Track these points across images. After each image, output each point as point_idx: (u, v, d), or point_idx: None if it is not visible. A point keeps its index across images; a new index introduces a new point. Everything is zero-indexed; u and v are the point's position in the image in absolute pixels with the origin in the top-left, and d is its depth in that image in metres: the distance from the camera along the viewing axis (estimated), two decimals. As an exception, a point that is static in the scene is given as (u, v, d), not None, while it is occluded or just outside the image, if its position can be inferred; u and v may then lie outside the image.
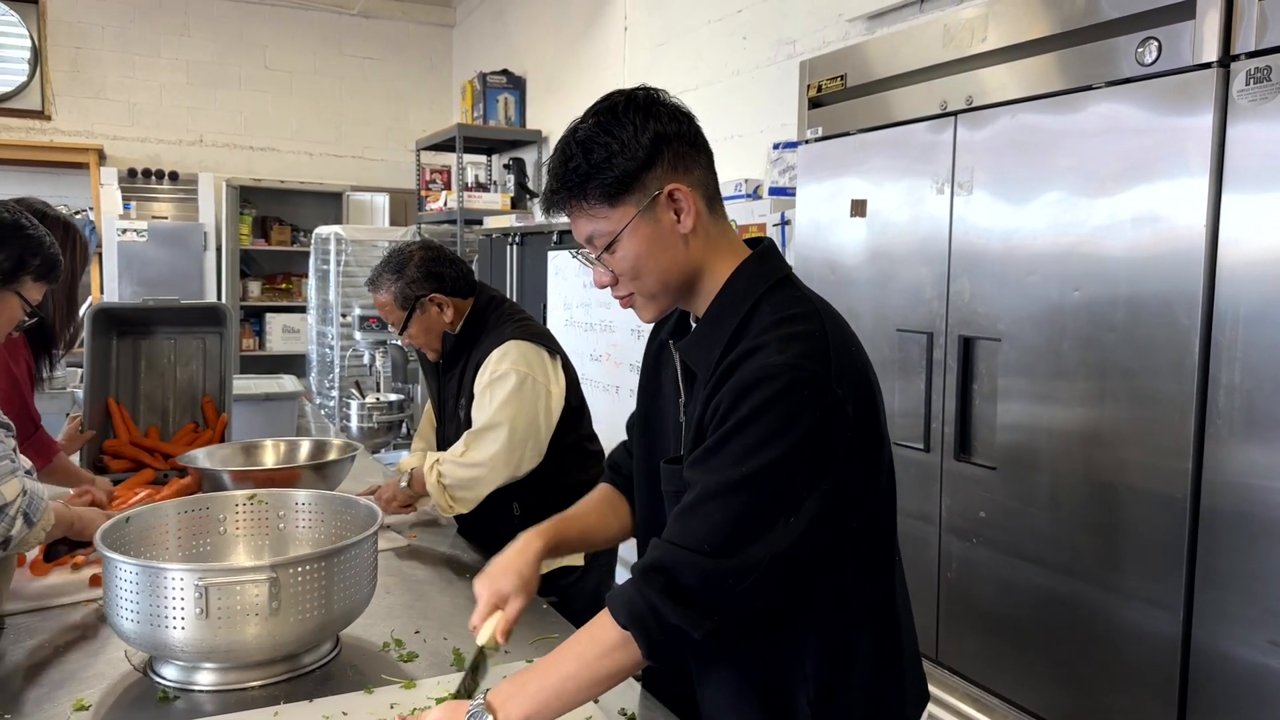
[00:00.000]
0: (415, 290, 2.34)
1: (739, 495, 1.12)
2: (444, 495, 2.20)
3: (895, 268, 2.31)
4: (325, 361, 6.11)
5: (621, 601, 1.15)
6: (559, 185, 1.24)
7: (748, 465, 1.11)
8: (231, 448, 2.53)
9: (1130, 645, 1.79)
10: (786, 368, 1.12)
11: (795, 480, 1.12)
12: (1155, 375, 1.72)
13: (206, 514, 1.64)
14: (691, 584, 1.11)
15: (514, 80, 6.37)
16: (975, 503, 2.12)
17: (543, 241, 4.74)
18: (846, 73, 2.43)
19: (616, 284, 1.27)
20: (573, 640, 1.20)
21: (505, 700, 1.14)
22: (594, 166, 1.21)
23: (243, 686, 1.38)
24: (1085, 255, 1.84)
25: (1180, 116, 1.66)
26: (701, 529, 1.12)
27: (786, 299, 1.23)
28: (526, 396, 2.20)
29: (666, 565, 1.13)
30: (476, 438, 2.20)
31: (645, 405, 1.44)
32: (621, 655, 1.14)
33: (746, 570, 1.10)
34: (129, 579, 1.32)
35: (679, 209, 1.23)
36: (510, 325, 2.33)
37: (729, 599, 1.11)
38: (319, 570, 1.37)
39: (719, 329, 1.23)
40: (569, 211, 1.26)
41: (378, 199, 7.20)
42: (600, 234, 1.24)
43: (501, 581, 1.34)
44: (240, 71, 7.11)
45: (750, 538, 1.11)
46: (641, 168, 1.21)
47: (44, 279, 1.74)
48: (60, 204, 6.66)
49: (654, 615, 1.11)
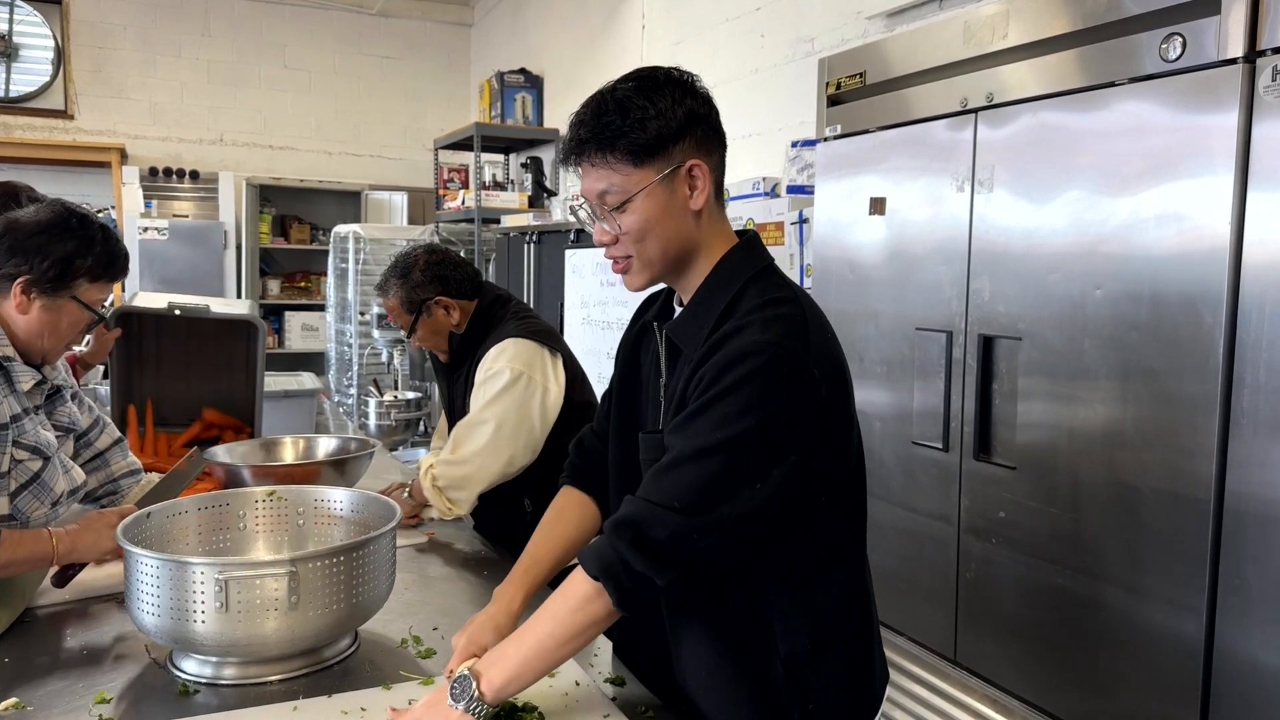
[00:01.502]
0: (421, 294, 2.38)
1: (713, 458, 1.18)
2: (440, 498, 2.21)
3: (914, 266, 2.29)
4: (344, 359, 6.14)
5: (592, 555, 1.21)
6: (589, 135, 1.27)
7: (724, 431, 1.17)
8: (251, 444, 2.55)
9: (1152, 648, 1.77)
10: (769, 345, 1.19)
11: (767, 449, 1.19)
12: (1179, 375, 1.70)
13: (226, 510, 1.65)
14: (660, 538, 1.17)
15: (531, 79, 6.38)
16: (995, 503, 2.10)
17: (560, 240, 4.74)
18: (866, 70, 2.42)
19: (616, 244, 1.31)
20: (548, 601, 1.26)
21: (489, 666, 1.21)
22: (628, 124, 1.25)
23: (262, 681, 1.39)
24: (1107, 254, 1.82)
25: (1205, 113, 1.64)
26: (675, 488, 1.18)
27: (770, 285, 1.30)
28: (519, 394, 2.21)
29: (637, 519, 1.19)
30: (465, 433, 2.22)
31: (621, 387, 1.50)
32: (594, 607, 1.21)
33: (711, 528, 1.17)
34: (150, 573, 1.32)
35: (694, 185, 1.29)
36: (512, 323, 2.35)
37: (693, 553, 1.17)
38: (338, 565, 1.37)
39: (707, 309, 1.29)
40: (589, 163, 1.29)
41: (396, 198, 7.23)
42: (616, 190, 1.27)
43: (480, 636, 1.36)
44: (260, 71, 7.15)
45: (719, 499, 1.17)
46: (672, 137, 1.26)
47: (102, 278, 1.69)
48: (83, 202, 6.72)
49: (623, 565, 1.18)
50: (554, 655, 1.23)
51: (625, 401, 1.49)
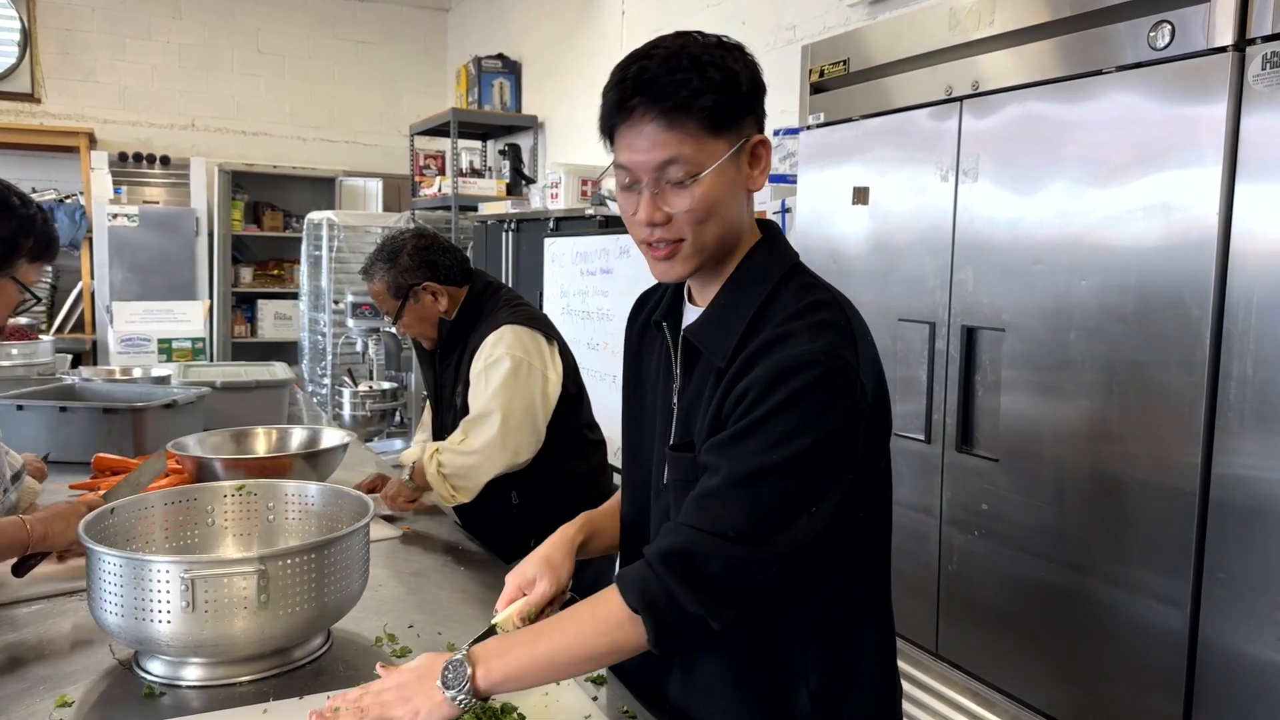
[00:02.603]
0: (409, 279, 2.31)
1: (768, 482, 1.08)
2: (445, 485, 2.17)
3: (897, 257, 2.27)
4: (318, 349, 6.07)
5: (635, 583, 1.10)
6: (663, 92, 1.09)
7: (779, 452, 1.08)
8: (222, 435, 2.49)
9: (1136, 641, 1.76)
10: (821, 355, 1.10)
11: (824, 470, 1.10)
12: (1165, 367, 1.68)
13: (194, 505, 1.60)
14: (715, 571, 1.07)
15: (509, 65, 6.31)
16: (977, 495, 2.09)
17: (539, 228, 4.69)
18: (849, 57, 2.38)
19: (667, 225, 1.15)
20: (571, 612, 1.16)
21: (489, 657, 1.11)
22: (708, 85, 1.09)
23: (231, 682, 1.34)
24: (1093, 245, 1.80)
25: (1193, 102, 1.62)
26: (727, 515, 1.08)
27: (806, 285, 1.21)
28: (522, 382, 2.17)
29: (689, 550, 1.08)
30: (473, 425, 2.17)
31: (629, 390, 1.41)
32: (621, 636, 1.11)
33: (772, 560, 1.07)
34: (113, 571, 1.28)
35: (757, 164, 1.18)
36: (506, 311, 2.30)
37: (751, 588, 1.08)
38: (309, 562, 1.33)
39: (734, 312, 1.19)
40: (658, 123, 1.11)
41: (371, 184, 7.14)
42: (686, 160, 1.11)
43: (529, 567, 1.31)
44: (232, 55, 7.03)
45: (777, 526, 1.08)
46: (745, 108, 1.14)
47: (41, 259, 1.66)
48: (50, 188, 6.62)
49: (669, 601, 1.07)
50: (562, 671, 1.14)
51: (630, 405, 1.40)
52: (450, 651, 1.15)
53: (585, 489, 2.30)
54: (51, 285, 6.56)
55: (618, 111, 1.13)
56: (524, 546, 2.30)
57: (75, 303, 6.52)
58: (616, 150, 1.17)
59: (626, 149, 1.14)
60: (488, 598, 1.75)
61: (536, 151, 6.10)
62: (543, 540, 2.33)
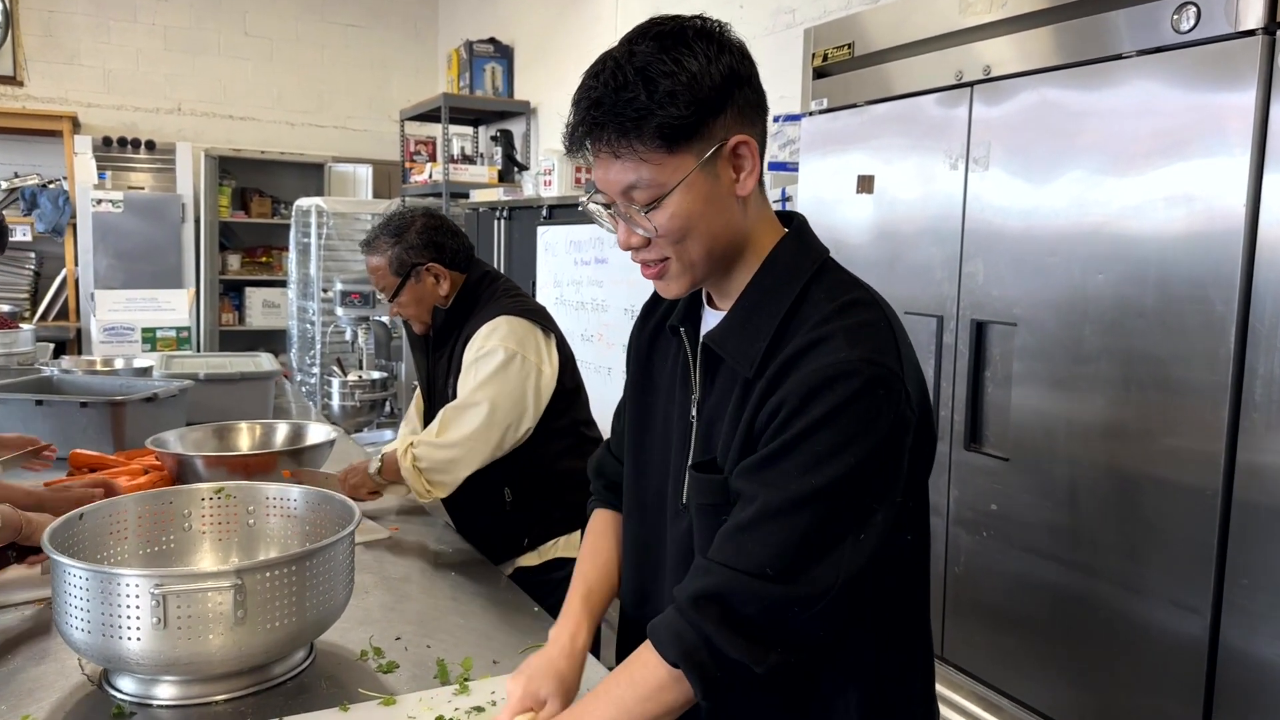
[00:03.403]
0: (413, 257, 2.22)
1: (806, 511, 0.98)
2: (419, 480, 2.06)
3: (903, 247, 2.19)
4: (306, 337, 5.98)
5: (669, 635, 1.01)
6: (606, 118, 1.01)
7: (818, 476, 0.98)
8: (204, 431, 2.41)
9: (1152, 646, 1.70)
10: (862, 363, 0.99)
11: (869, 492, 0.99)
12: (1187, 363, 1.62)
13: (170, 509, 1.52)
14: (752, 613, 0.98)
15: (501, 49, 6.20)
16: (986, 494, 2.02)
17: (532, 216, 4.60)
18: (854, 41, 2.30)
19: (648, 246, 1.08)
20: (609, 682, 1.06)
21: None
22: (657, 100, 1.00)
23: (206, 701, 1.26)
24: (1111, 236, 1.73)
25: (1219, 88, 1.55)
26: (762, 550, 0.99)
27: (839, 284, 1.10)
28: (513, 375, 2.08)
29: (722, 592, 0.99)
30: (454, 415, 2.08)
31: (637, 400, 1.28)
32: (669, 697, 1.01)
33: (815, 597, 0.98)
34: (78, 584, 1.20)
35: (740, 166, 1.07)
36: (504, 300, 2.22)
37: (795, 629, 0.98)
38: (289, 575, 1.25)
39: (761, 316, 1.08)
40: (608, 151, 1.04)
41: (360, 170, 7.03)
42: (646, 184, 1.03)
43: (539, 684, 1.15)
44: (219, 38, 6.90)
45: (819, 559, 0.98)
46: (711, 110, 1.02)
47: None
48: (33, 173, 6.49)
49: (709, 650, 0.98)
50: None
51: (639, 418, 1.28)
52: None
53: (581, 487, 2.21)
54: (35, 272, 6.45)
55: (578, 142, 1.07)
56: (518, 547, 2.24)
57: (59, 290, 6.41)
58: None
59: (595, 171, 1.09)
60: (477, 606, 1.68)
61: (529, 137, 6.00)
62: (536, 540, 2.23)
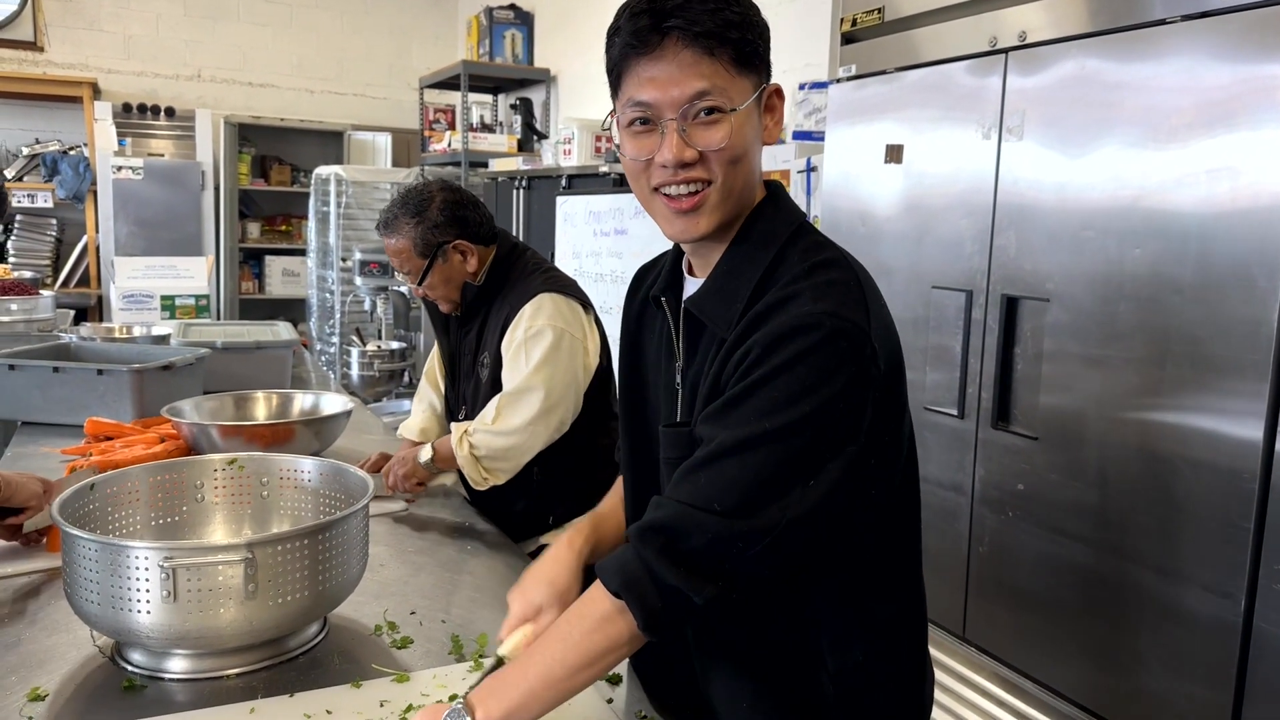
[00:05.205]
0: (438, 236, 2.10)
1: (760, 451, 0.99)
2: (476, 468, 2.00)
3: (933, 220, 2.14)
4: (325, 307, 5.96)
5: (614, 566, 1.02)
6: (699, 18, 1.02)
7: (774, 420, 0.99)
8: (220, 400, 2.39)
9: (1182, 630, 1.66)
10: (826, 316, 1.00)
11: (822, 439, 1.00)
12: (1225, 341, 1.56)
13: (182, 479, 1.50)
14: (697, 545, 0.99)
15: (522, 16, 6.12)
16: (1013, 474, 1.98)
17: (551, 186, 4.55)
18: (884, 5, 2.23)
19: (697, 164, 1.07)
20: (560, 619, 1.07)
21: (485, 697, 1.00)
22: (738, 17, 1.04)
23: (218, 675, 1.24)
24: (1149, 210, 1.67)
25: (1268, 55, 1.48)
26: (713, 487, 1.00)
27: (813, 245, 1.11)
28: (564, 355, 2.02)
29: (669, 524, 1.00)
30: (511, 402, 2.00)
31: (627, 372, 1.30)
32: (614, 629, 1.02)
33: (759, 533, 0.98)
34: (88, 556, 1.18)
35: (772, 114, 1.12)
36: (538, 276, 2.13)
37: (737, 563, 0.99)
38: (301, 549, 1.23)
39: (738, 279, 1.10)
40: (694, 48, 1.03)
41: (380, 139, 6.98)
42: (719, 93, 1.04)
43: (533, 592, 1.20)
44: (239, 4, 6.84)
45: (767, 499, 0.99)
46: (766, 51, 1.09)
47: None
48: (54, 139, 6.49)
49: (650, 578, 0.99)
50: (565, 685, 1.02)
51: (630, 389, 1.29)
52: (446, 702, 1.05)
53: (608, 464, 2.17)
54: (56, 239, 6.46)
55: (643, 41, 1.04)
56: (543, 524, 2.20)
57: (80, 257, 6.42)
58: (633, 88, 1.07)
59: (648, 84, 1.05)
60: (494, 581, 1.65)
61: (549, 106, 5.93)
62: (562, 519, 2.20)
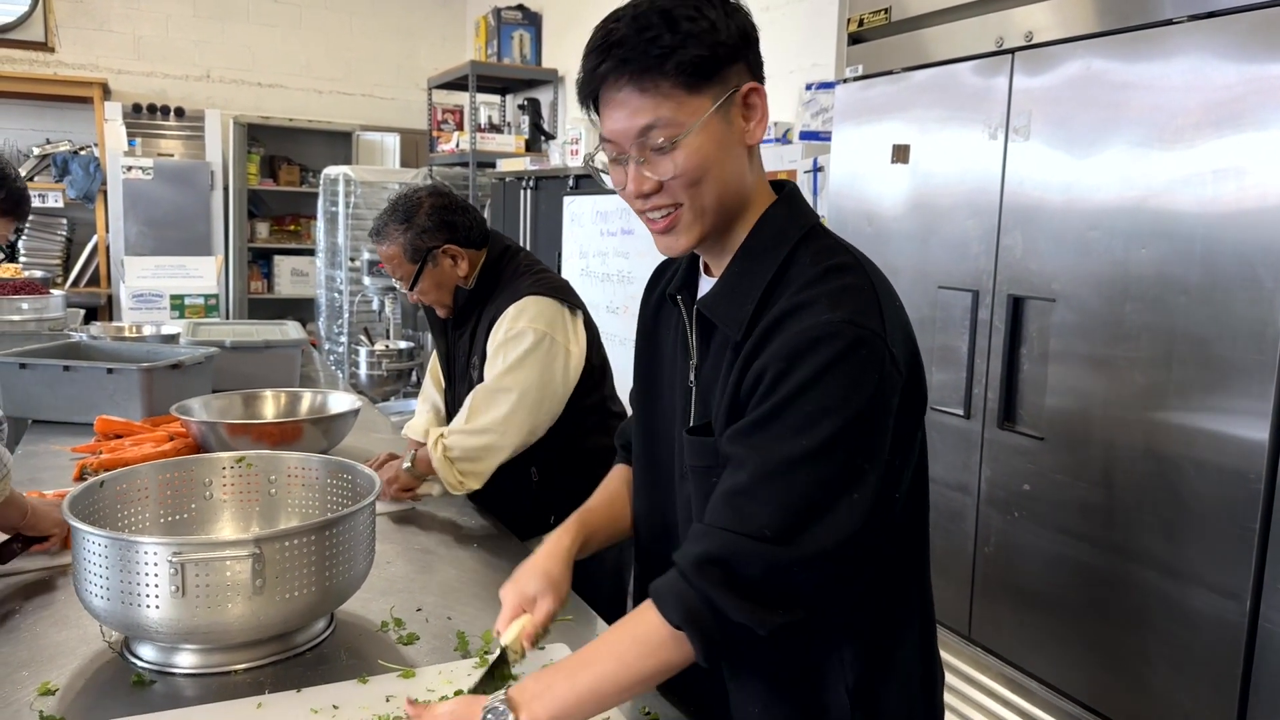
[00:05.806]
0: (427, 241, 2.13)
1: (801, 472, 0.99)
2: (451, 470, 2.00)
3: (939, 220, 2.14)
4: (334, 306, 5.98)
5: (673, 598, 1.01)
6: (630, 54, 1.03)
7: (810, 438, 0.98)
8: (228, 399, 2.41)
9: (1187, 631, 1.66)
10: (844, 325, 1.00)
11: (859, 451, 1.00)
12: (1231, 342, 1.56)
13: (190, 477, 1.51)
14: (755, 575, 0.98)
15: (530, 16, 6.13)
16: (1019, 474, 1.98)
17: (558, 186, 4.56)
18: (891, 5, 2.24)
19: (659, 192, 1.09)
20: (610, 636, 1.07)
21: (531, 699, 1.01)
22: (681, 39, 1.03)
23: (226, 670, 1.26)
24: (1156, 211, 1.67)
25: (1275, 56, 1.48)
26: (762, 512, 0.99)
27: (825, 248, 1.10)
28: (542, 357, 2.03)
29: (723, 555, 0.99)
30: (484, 400, 2.01)
31: (643, 371, 1.30)
32: (667, 655, 1.02)
33: (815, 556, 0.98)
34: (97, 551, 1.19)
35: (751, 115, 1.10)
36: (528, 278, 2.14)
37: (797, 589, 0.99)
38: (309, 544, 1.24)
39: (749, 280, 1.10)
40: (629, 88, 1.05)
41: (388, 139, 7.00)
42: (665, 123, 1.04)
43: (527, 584, 1.22)
44: (248, 5, 6.87)
45: (816, 518, 0.99)
46: (729, 56, 1.06)
47: (9, 215, 1.64)
48: (64, 139, 6.52)
49: (712, 612, 0.98)
50: (611, 700, 1.04)
51: (646, 387, 1.30)
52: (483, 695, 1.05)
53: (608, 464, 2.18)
54: (67, 238, 6.49)
55: (591, 81, 1.08)
56: (545, 525, 2.20)
57: (90, 256, 6.45)
58: (602, 124, 1.10)
59: (607, 120, 1.09)
60: (499, 579, 1.64)
61: (557, 107, 5.94)
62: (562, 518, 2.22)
